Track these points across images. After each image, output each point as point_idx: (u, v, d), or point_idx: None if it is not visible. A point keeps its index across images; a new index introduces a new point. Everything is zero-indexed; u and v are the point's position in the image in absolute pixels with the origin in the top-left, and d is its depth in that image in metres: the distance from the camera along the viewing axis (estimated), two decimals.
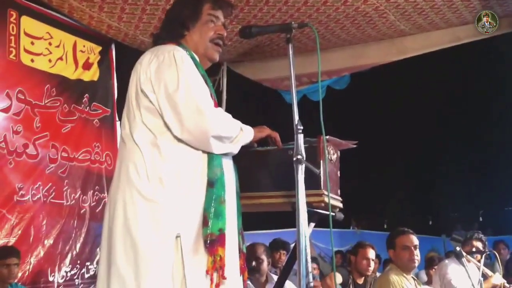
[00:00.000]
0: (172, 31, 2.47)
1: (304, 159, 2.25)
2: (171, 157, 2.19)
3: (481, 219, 11.71)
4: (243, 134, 2.35)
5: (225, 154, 2.33)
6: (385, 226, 12.61)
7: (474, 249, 5.07)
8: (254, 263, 4.57)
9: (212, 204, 2.17)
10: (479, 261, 4.64)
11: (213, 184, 2.20)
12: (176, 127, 2.19)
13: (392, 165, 12.15)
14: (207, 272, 2.13)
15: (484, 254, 4.75)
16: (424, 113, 12.06)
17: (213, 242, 2.14)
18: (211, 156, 2.23)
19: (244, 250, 2.41)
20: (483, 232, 5.65)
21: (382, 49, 6.32)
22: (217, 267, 2.14)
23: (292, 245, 6.87)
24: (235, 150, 2.34)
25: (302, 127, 2.29)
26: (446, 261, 5.32)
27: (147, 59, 2.31)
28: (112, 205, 2.22)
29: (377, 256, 6.40)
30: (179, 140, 2.21)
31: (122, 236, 2.14)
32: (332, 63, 6.29)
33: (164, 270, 2.09)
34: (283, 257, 5.86)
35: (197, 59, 2.41)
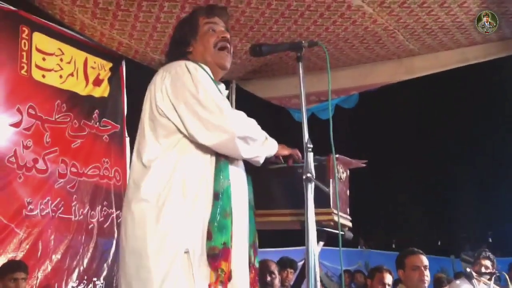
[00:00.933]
0: (178, 51, 2.49)
1: (314, 177, 2.25)
2: (177, 172, 2.19)
3: (490, 240, 11.62)
4: (269, 143, 2.36)
5: (237, 165, 2.33)
6: (393, 246, 12.53)
7: (483, 268, 5.02)
8: (268, 278, 4.57)
9: (217, 217, 2.16)
10: (489, 280, 4.59)
11: (219, 196, 2.19)
12: (202, 134, 2.18)
13: (401, 185, 12.11)
14: (209, 286, 2.12)
15: (494, 276, 4.70)
16: (434, 132, 12.04)
17: (215, 256, 2.13)
18: (218, 167, 2.22)
19: (257, 265, 2.39)
20: (492, 252, 5.60)
21: (391, 68, 6.34)
22: (220, 281, 2.12)
23: (300, 264, 6.85)
24: (262, 156, 2.33)
25: (312, 146, 2.29)
26: (457, 281, 5.27)
27: (159, 77, 2.31)
28: (123, 223, 2.24)
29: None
30: (191, 153, 2.21)
31: (131, 255, 2.16)
32: (341, 82, 6.31)
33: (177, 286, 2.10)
34: (291, 276, 5.84)
35: (209, 71, 2.40)
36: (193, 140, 2.22)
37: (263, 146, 2.33)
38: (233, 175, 2.27)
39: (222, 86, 2.48)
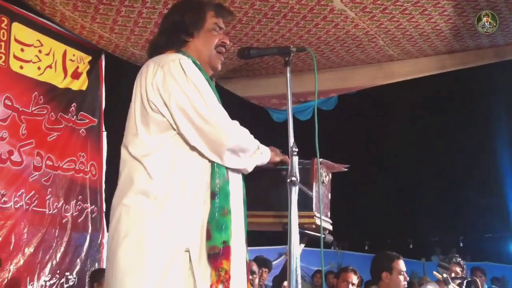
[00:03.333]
0: (173, 37, 2.37)
1: (298, 181, 2.27)
2: (176, 171, 2.15)
3: (461, 244, 11.83)
4: (259, 153, 2.33)
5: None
6: (366, 248, 12.64)
7: (453, 274, 5.14)
8: (250, 276, 4.57)
9: (215, 216, 2.13)
10: (458, 285, 4.69)
11: (215, 195, 2.16)
12: (194, 139, 2.15)
13: (375, 187, 12.24)
14: (211, 286, 2.09)
15: (466, 280, 4.80)
16: (406, 137, 12.19)
17: (216, 256, 2.10)
18: (213, 166, 2.19)
19: (248, 260, 2.38)
20: (462, 257, 5.72)
21: (370, 72, 6.42)
22: (222, 280, 2.10)
23: (274, 263, 6.88)
24: (250, 167, 2.30)
25: (297, 149, 2.31)
26: (429, 286, 5.37)
27: (151, 71, 2.22)
28: (115, 216, 2.17)
29: (360, 277, 6.40)
30: (187, 152, 2.18)
31: (128, 253, 2.09)
32: (320, 84, 6.28)
33: (175, 285, 2.07)
34: (265, 275, 5.87)
35: (199, 64, 2.33)
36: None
37: (252, 158, 2.30)
38: (230, 172, 2.24)
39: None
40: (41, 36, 5.48)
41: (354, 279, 5.04)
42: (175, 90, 2.17)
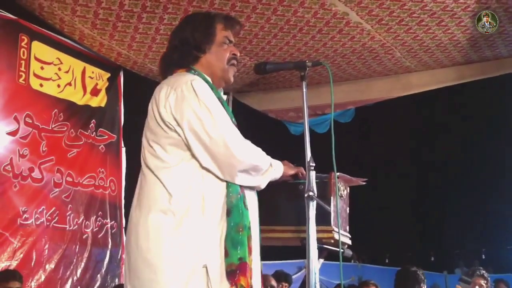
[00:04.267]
0: (185, 54, 2.36)
1: (316, 195, 2.26)
2: (194, 188, 2.15)
3: (483, 256, 11.65)
4: (272, 169, 2.32)
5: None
6: (387, 261, 12.50)
7: (477, 287, 5.07)
8: None
9: (230, 233, 2.13)
10: None
11: (230, 212, 2.16)
12: (206, 161, 2.16)
13: (395, 199, 12.11)
14: None
15: None
16: (428, 148, 12.08)
17: (233, 273, 2.10)
18: (228, 183, 2.19)
19: (262, 273, 2.37)
20: (485, 269, 5.63)
21: (388, 84, 6.40)
22: None
23: (294, 277, 6.84)
24: (263, 184, 2.30)
25: (314, 164, 2.30)
26: None
27: (163, 93, 2.23)
28: (133, 231, 2.17)
29: None
30: (203, 169, 2.17)
31: (147, 269, 2.10)
32: (337, 96, 6.33)
33: None
34: None
35: (211, 82, 2.33)
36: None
37: (264, 176, 2.29)
38: (244, 188, 2.23)
39: (221, 91, 2.44)
40: (60, 54, 5.56)
41: None
42: (187, 112, 2.17)
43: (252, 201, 2.28)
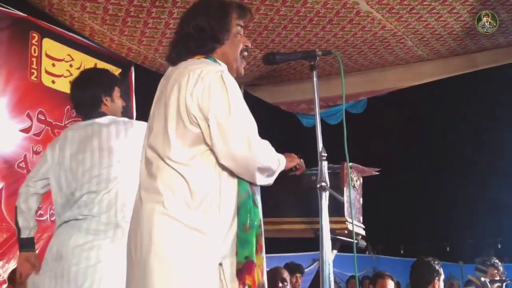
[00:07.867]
0: (202, 44, 2.26)
1: (328, 186, 2.25)
2: (212, 185, 2.11)
3: (499, 246, 11.58)
4: (280, 167, 2.28)
5: None
6: (402, 252, 12.44)
7: (490, 277, 5.05)
8: (280, 284, 4.55)
9: (238, 232, 2.11)
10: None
11: (238, 210, 2.13)
12: (223, 154, 2.10)
13: (408, 190, 12.04)
14: None
15: (505, 283, 4.70)
16: (443, 137, 11.98)
17: (240, 271, 2.08)
18: (239, 181, 2.15)
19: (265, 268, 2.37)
20: (500, 259, 5.59)
21: (399, 74, 6.35)
22: None
23: (307, 269, 6.83)
24: (272, 181, 2.28)
25: (326, 154, 2.29)
26: None
27: (191, 81, 2.12)
28: (147, 227, 2.10)
29: (397, 283, 6.31)
30: (219, 166, 2.13)
31: (156, 263, 2.05)
32: (349, 87, 6.30)
33: None
34: (299, 280, 5.83)
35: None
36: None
37: (275, 175, 2.27)
38: (253, 186, 2.20)
39: None
40: (71, 50, 5.58)
41: (392, 285, 4.97)
42: (214, 105, 2.09)
43: (259, 198, 2.26)
